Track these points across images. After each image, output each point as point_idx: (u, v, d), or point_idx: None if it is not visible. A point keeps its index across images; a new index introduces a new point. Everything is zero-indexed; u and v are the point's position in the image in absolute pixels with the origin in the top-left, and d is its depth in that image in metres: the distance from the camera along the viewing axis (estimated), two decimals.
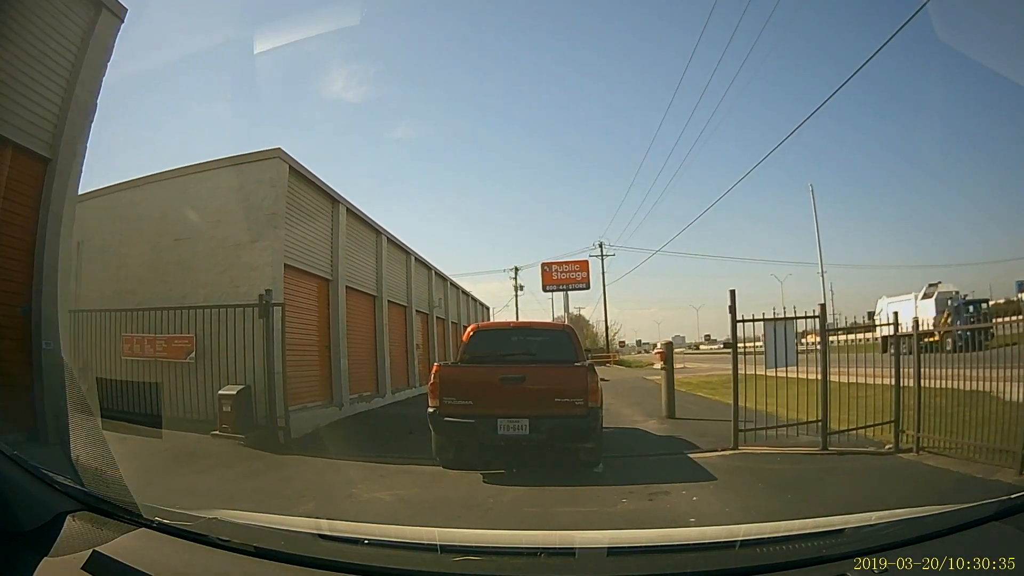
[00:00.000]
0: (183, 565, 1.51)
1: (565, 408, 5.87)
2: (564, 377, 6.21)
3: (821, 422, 7.20)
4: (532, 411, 5.82)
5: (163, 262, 9.55)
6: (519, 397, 5.90)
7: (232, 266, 9.11)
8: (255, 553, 1.49)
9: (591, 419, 5.88)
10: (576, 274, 46.01)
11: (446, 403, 6.01)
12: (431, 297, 20.27)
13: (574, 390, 5.95)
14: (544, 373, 6.30)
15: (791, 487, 5.37)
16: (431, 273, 21.79)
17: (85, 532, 1.51)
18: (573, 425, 5.85)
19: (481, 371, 6.42)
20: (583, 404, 5.86)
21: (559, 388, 6.05)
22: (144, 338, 9.33)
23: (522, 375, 6.08)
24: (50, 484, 1.57)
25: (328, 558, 1.48)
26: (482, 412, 5.88)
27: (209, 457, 7.20)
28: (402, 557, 1.56)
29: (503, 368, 6.26)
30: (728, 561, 1.49)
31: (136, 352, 9.31)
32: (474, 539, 1.91)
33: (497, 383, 6.02)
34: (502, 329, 8.08)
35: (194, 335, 8.90)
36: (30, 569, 1.34)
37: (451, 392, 6.07)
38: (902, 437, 6.91)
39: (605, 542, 1.72)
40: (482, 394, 6.03)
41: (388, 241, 15.85)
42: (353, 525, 1.89)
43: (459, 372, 6.57)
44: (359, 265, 13.60)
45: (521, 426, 5.77)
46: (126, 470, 3.37)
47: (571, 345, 7.00)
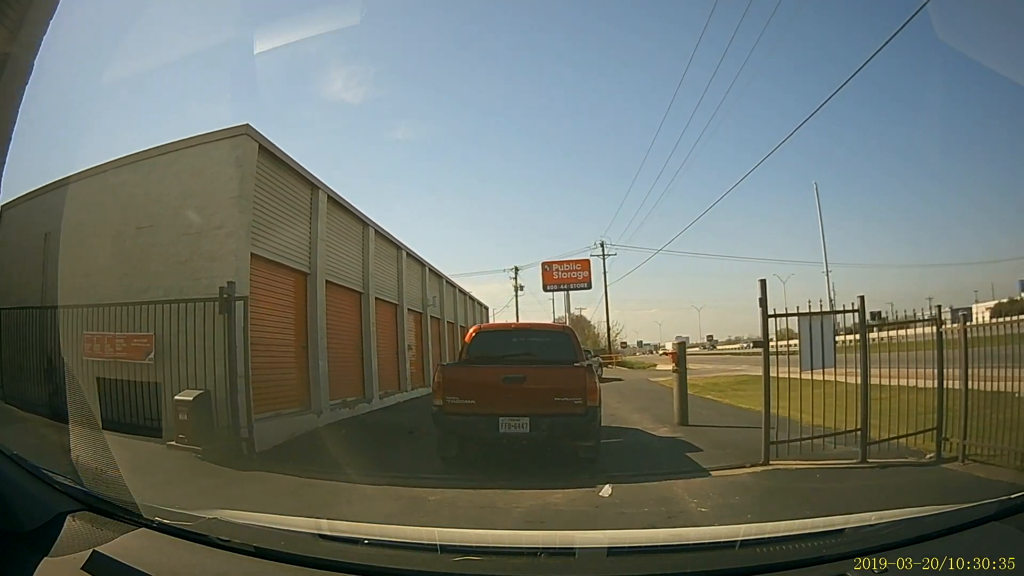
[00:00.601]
0: (183, 565, 1.48)
1: (564, 407, 5.96)
2: (564, 377, 6.27)
3: (861, 431, 6.32)
4: (532, 410, 5.90)
5: (126, 252, 8.53)
6: (520, 396, 5.99)
7: (194, 256, 8.12)
8: (255, 553, 1.47)
9: (590, 418, 6.01)
10: (577, 273, 44.92)
11: (449, 401, 6.13)
12: (424, 295, 19.23)
13: (573, 390, 6.03)
14: (544, 373, 6.35)
15: (842, 510, 4.39)
16: (425, 270, 20.82)
17: (85, 532, 1.50)
18: (572, 423, 5.96)
19: (483, 371, 6.47)
20: (582, 403, 5.96)
21: (559, 388, 6.11)
22: (104, 336, 8.37)
23: (523, 375, 6.17)
24: (50, 484, 1.57)
25: (328, 558, 1.46)
26: (484, 410, 5.99)
27: (155, 472, 6.21)
28: (402, 557, 1.54)
29: (505, 368, 6.32)
30: (728, 561, 1.47)
31: (96, 352, 8.33)
32: (474, 539, 1.85)
33: (499, 382, 6.11)
34: (504, 330, 8.15)
35: (153, 333, 7.94)
36: (30, 569, 1.33)
37: (454, 391, 6.19)
38: (944, 445, 6.24)
39: (605, 542, 1.71)
40: (484, 393, 6.13)
41: (376, 234, 14.88)
42: (353, 525, 1.84)
43: (462, 372, 6.66)
44: (343, 259, 12.57)
45: (522, 424, 5.85)
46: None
47: (571, 346, 7.09)
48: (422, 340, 20.33)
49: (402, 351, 17.14)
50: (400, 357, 17.07)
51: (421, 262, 20.35)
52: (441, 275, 24.13)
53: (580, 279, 44.86)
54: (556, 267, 44.73)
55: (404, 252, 17.79)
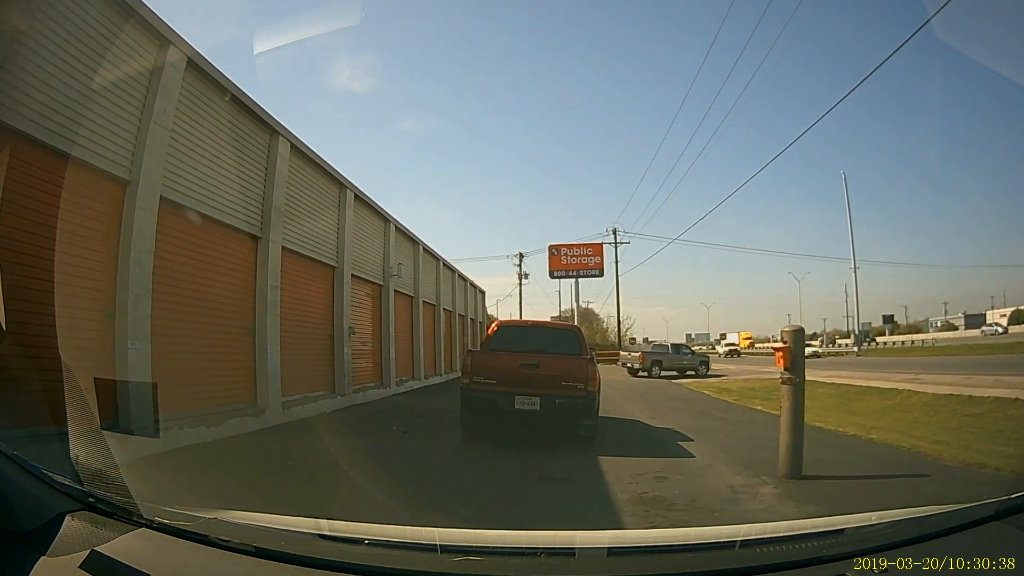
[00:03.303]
0: (182, 565, 1.47)
1: (569, 391, 6.91)
2: (570, 366, 7.19)
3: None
4: (543, 391, 6.87)
5: None
6: (533, 379, 6.98)
7: None
8: (255, 553, 1.46)
9: (590, 400, 6.97)
10: (588, 259, 39.92)
11: (475, 380, 7.16)
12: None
13: (578, 377, 7.02)
14: (554, 361, 7.24)
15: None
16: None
17: (84, 532, 1.48)
18: (575, 405, 6.87)
19: (504, 357, 7.37)
20: (584, 388, 6.95)
21: (566, 374, 7.05)
22: None
23: (536, 362, 7.14)
24: (49, 483, 1.55)
25: (328, 558, 1.45)
26: (503, 389, 6.96)
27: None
28: (402, 557, 1.52)
29: (522, 355, 7.26)
30: (728, 561, 1.46)
31: None
32: (474, 539, 1.74)
33: (516, 367, 7.10)
34: (522, 326, 9.58)
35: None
36: (28, 569, 1.32)
37: (479, 372, 7.21)
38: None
39: (606, 542, 1.71)
40: (504, 375, 7.09)
41: (356, 198, 12.56)
42: (353, 525, 1.72)
43: (487, 357, 7.59)
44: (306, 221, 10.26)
45: (534, 403, 6.83)
46: None
47: (577, 341, 7.95)
48: (412, 327, 17.94)
49: (386, 335, 14.69)
50: (382, 343, 14.63)
51: (413, 239, 17.99)
52: (437, 256, 21.64)
53: (591, 265, 40.04)
54: (565, 251, 40.09)
55: (393, 225, 15.45)
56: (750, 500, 4.52)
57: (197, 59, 6.96)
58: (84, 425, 2.88)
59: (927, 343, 53.49)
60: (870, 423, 8.24)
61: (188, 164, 6.96)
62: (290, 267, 9.51)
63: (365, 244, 13.54)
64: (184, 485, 4.71)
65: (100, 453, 2.70)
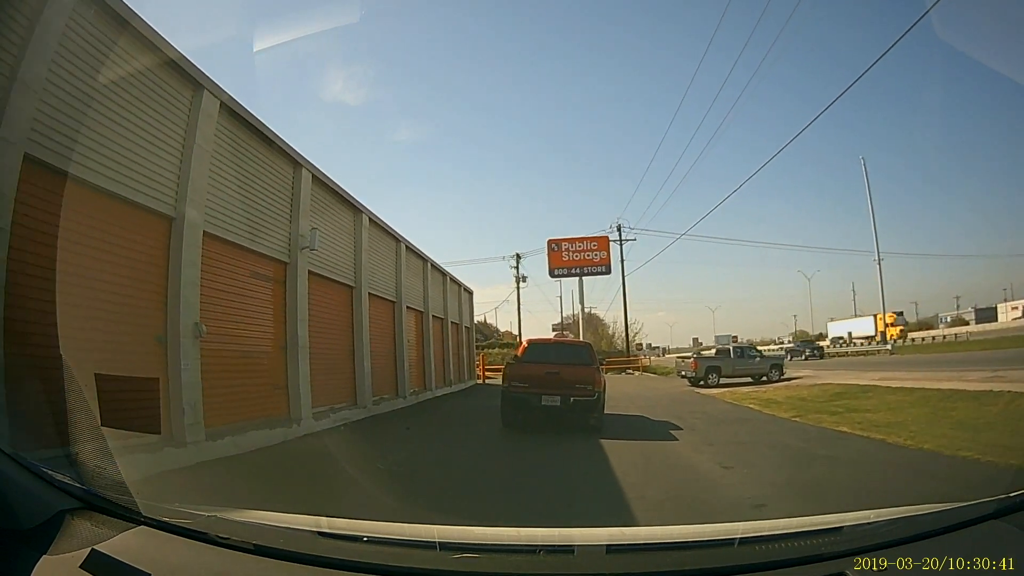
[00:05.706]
0: (182, 563, 1.47)
1: (582, 392, 9.04)
2: (583, 373, 9.33)
3: None
4: (563, 391, 8.99)
5: None
6: (555, 383, 9.07)
7: None
8: (254, 551, 1.47)
9: (597, 399, 9.11)
10: (593, 255, 35.19)
11: (513, 384, 9.44)
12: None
13: (588, 381, 9.19)
14: (571, 370, 9.36)
15: None
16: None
17: (84, 530, 1.50)
18: (587, 402, 9.01)
19: (533, 366, 9.55)
20: (592, 390, 9.10)
21: (579, 379, 9.17)
22: None
23: (557, 370, 9.26)
24: (49, 482, 1.56)
25: (328, 556, 1.46)
26: (533, 390, 9.12)
27: None
28: (402, 554, 1.54)
29: (546, 365, 9.46)
30: (727, 558, 1.47)
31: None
32: (473, 536, 1.76)
33: (543, 374, 9.22)
34: (546, 343, 11.50)
35: None
36: (29, 567, 1.33)
37: (515, 378, 9.48)
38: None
39: (604, 539, 1.70)
40: (533, 380, 9.21)
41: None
42: (353, 523, 1.76)
43: (520, 367, 9.77)
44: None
45: (555, 400, 8.96)
46: None
47: (588, 354, 10.32)
48: (395, 332, 16.52)
49: (359, 346, 12.69)
50: (356, 355, 12.44)
51: (396, 237, 15.68)
52: (425, 257, 18.86)
53: (596, 261, 35.25)
54: (566, 246, 35.28)
55: (366, 217, 13.32)
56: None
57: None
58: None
59: (960, 337, 45.95)
60: (894, 431, 6.85)
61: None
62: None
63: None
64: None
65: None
